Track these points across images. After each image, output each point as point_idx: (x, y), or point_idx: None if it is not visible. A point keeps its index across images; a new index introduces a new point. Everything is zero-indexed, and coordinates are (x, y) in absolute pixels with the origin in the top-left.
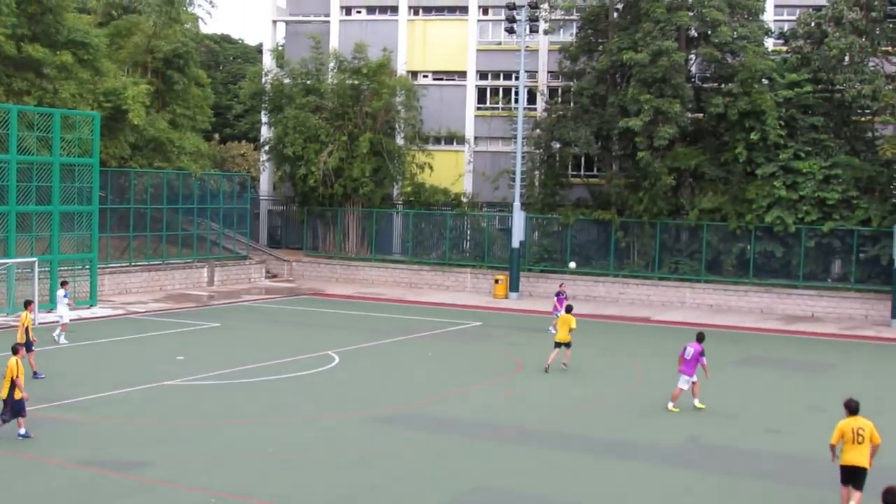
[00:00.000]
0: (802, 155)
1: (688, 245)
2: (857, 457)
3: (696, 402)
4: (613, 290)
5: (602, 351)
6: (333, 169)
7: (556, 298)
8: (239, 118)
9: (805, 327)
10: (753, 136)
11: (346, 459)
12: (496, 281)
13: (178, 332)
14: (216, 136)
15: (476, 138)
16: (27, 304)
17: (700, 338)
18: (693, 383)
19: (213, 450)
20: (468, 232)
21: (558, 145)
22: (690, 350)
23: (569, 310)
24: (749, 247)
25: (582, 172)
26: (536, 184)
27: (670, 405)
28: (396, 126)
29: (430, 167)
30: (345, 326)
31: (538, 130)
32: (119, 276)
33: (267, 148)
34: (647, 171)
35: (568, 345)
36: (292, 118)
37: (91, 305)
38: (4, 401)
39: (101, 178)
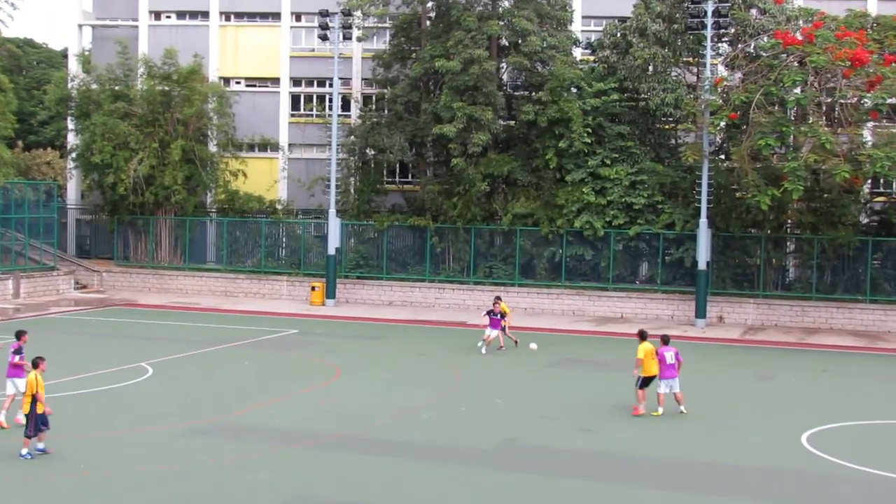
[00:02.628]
0: (609, 162)
1: (502, 249)
2: (654, 368)
3: (683, 409)
4: (430, 295)
5: (419, 356)
6: (144, 177)
7: (488, 316)
8: (44, 125)
9: (615, 328)
10: (563, 144)
11: (163, 474)
12: (312, 288)
13: None
14: (20, 143)
15: (290, 145)
16: None
17: (666, 340)
18: (675, 393)
19: (19, 469)
20: (284, 239)
21: (373, 152)
22: (670, 353)
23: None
24: (560, 251)
25: (397, 179)
26: (352, 190)
27: (659, 410)
28: (209, 133)
29: (244, 174)
30: (158, 337)
31: (353, 137)
32: None
33: (74, 155)
34: (461, 177)
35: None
36: (100, 125)
37: None
38: (27, 416)
39: None
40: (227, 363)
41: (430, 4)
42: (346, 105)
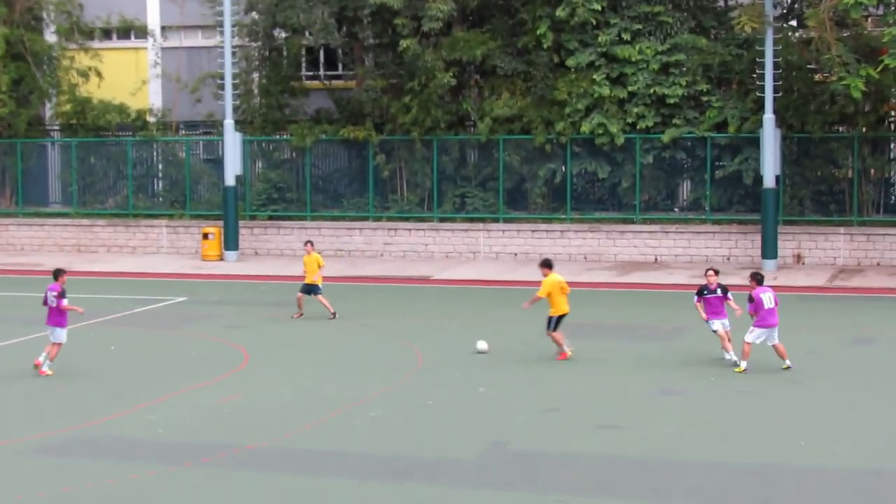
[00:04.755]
0: (629, 37)
1: (478, 170)
2: (565, 306)
3: (788, 363)
4: (376, 241)
5: (364, 329)
6: None
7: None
8: None
9: (646, 277)
10: (561, 12)
11: None
12: (205, 236)
13: None
14: None
15: (164, 28)
16: None
17: (760, 279)
18: (775, 345)
19: None
20: (160, 166)
21: (284, 34)
22: (768, 296)
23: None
24: (564, 168)
25: (321, 72)
26: (256, 91)
27: (742, 364)
28: (44, 15)
29: (98, 74)
30: None
31: (254, 14)
32: None
33: None
34: (414, 66)
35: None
36: None
37: None
38: None
39: None
40: (86, 350)
41: None
42: None
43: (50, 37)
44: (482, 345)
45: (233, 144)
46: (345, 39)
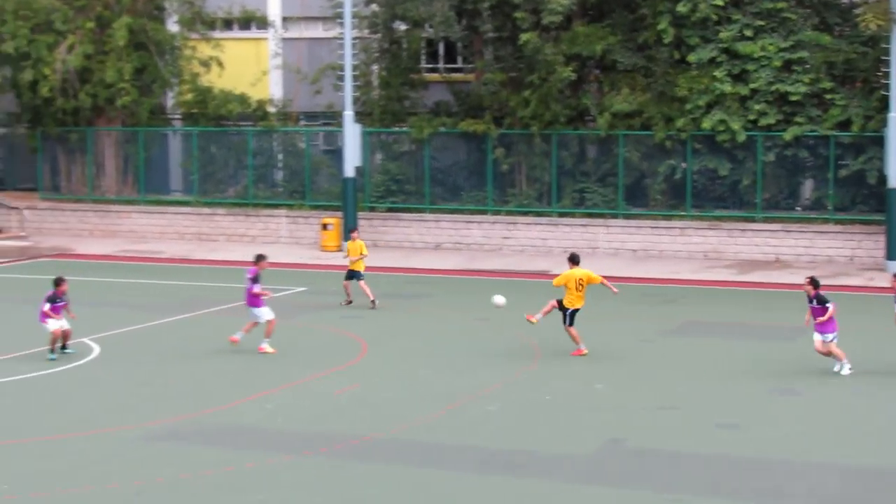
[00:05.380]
0: (752, 33)
1: (597, 165)
2: (579, 301)
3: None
4: (494, 234)
5: (479, 323)
6: (77, 71)
7: None
8: None
9: (766, 276)
10: (682, 8)
11: (117, 494)
12: (324, 226)
13: None
14: None
15: (285, 19)
16: None
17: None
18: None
19: None
20: (280, 157)
21: (405, 26)
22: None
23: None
24: (683, 165)
25: (441, 65)
26: (375, 83)
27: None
28: (167, 5)
29: (220, 63)
30: (105, 302)
31: (374, 6)
32: None
33: None
34: (534, 60)
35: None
36: None
37: None
38: None
39: None
40: (205, 337)
41: None
42: None
43: (172, 26)
44: (499, 299)
45: (352, 136)
46: (464, 32)
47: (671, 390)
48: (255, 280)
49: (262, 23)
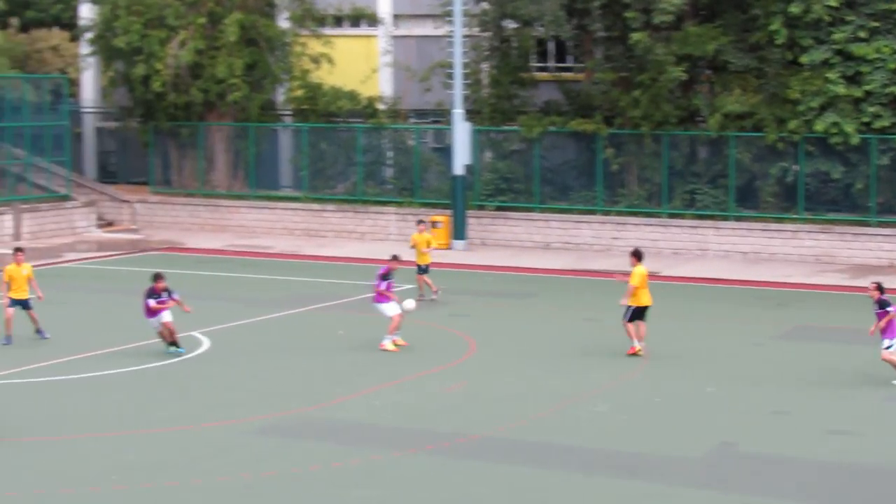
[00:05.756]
0: (866, 34)
1: (708, 166)
2: (648, 298)
3: None
4: (604, 235)
5: (587, 323)
6: (188, 66)
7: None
8: None
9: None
10: (795, 8)
11: (226, 487)
12: (433, 224)
13: None
14: (14, 20)
15: (396, 17)
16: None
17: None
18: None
19: (27, 477)
20: (390, 153)
21: (515, 25)
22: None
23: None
24: (796, 167)
25: (551, 64)
26: (485, 82)
27: None
28: (278, 2)
29: (330, 60)
30: (214, 296)
31: (484, 4)
32: None
33: (90, 38)
34: (644, 60)
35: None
36: None
37: None
38: None
39: None
40: (314, 332)
41: None
42: None
43: (283, 23)
44: (409, 304)
45: (462, 134)
46: (575, 31)
47: (782, 395)
48: (384, 277)
49: (373, 20)
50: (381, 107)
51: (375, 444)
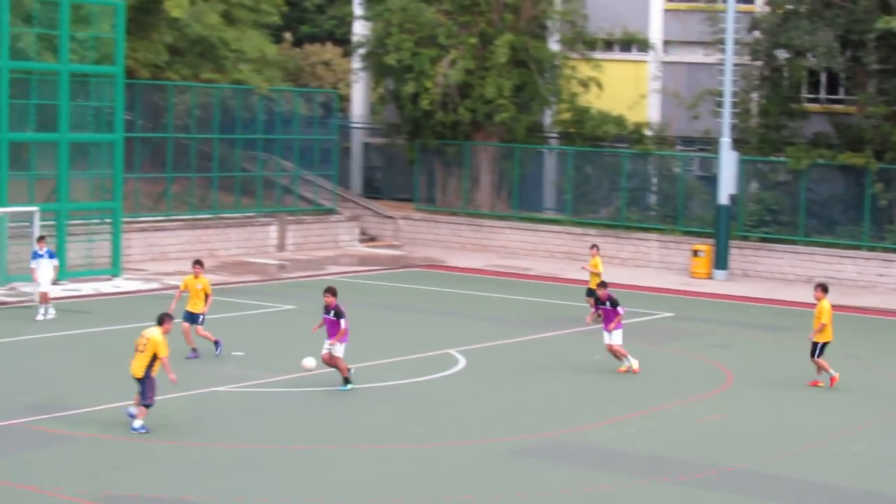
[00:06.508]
0: None
1: None
2: (829, 335)
3: None
4: (868, 271)
5: (848, 359)
6: (457, 85)
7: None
8: (321, 10)
9: None
10: None
11: None
12: (695, 253)
13: (234, 317)
14: (289, 35)
15: (666, 43)
16: (196, 265)
17: None
18: None
19: (279, 484)
20: (654, 180)
21: (786, 55)
22: None
23: None
24: None
25: (821, 95)
26: (754, 111)
27: None
28: (549, 24)
29: (599, 84)
30: (473, 315)
31: (756, 33)
32: (152, 235)
33: (361, 54)
34: None
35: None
36: (398, 11)
37: (113, 276)
38: (144, 379)
39: (128, 95)
40: (568, 356)
41: None
42: None
43: (553, 45)
44: (308, 362)
45: (728, 163)
46: (848, 63)
47: None
48: (615, 304)
49: (644, 45)
50: (647, 133)
51: (627, 470)
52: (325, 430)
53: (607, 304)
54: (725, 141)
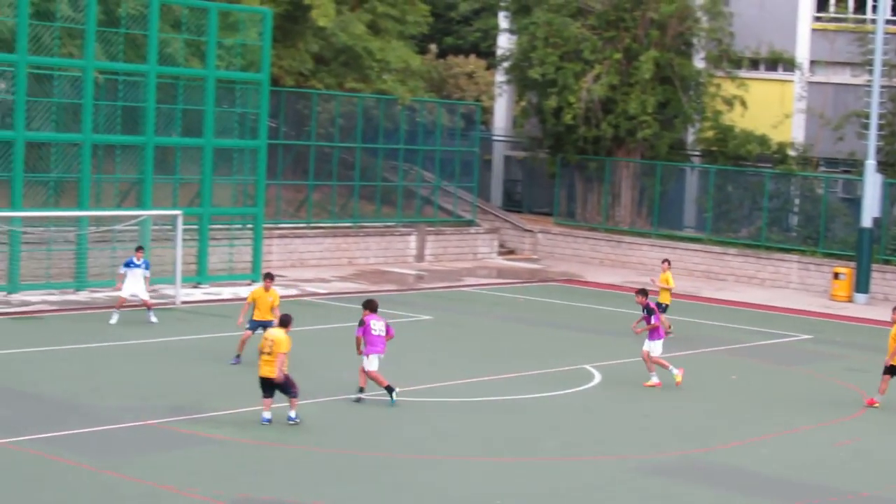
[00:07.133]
0: None
1: None
2: None
3: None
4: None
5: None
6: (601, 101)
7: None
8: (466, 22)
9: None
10: None
11: None
12: (836, 276)
13: None
14: (433, 46)
15: (812, 63)
16: (267, 278)
17: None
18: None
19: (411, 494)
20: (796, 201)
21: None
22: None
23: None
24: None
25: None
26: None
27: None
28: (695, 41)
29: (743, 103)
30: (609, 331)
31: None
32: (292, 242)
33: (506, 66)
34: None
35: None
36: (543, 25)
37: (253, 281)
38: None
39: (273, 102)
40: (706, 375)
41: None
42: None
43: (698, 62)
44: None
45: (873, 185)
46: None
47: None
48: (651, 312)
49: (790, 65)
50: (791, 153)
51: (759, 493)
52: (459, 442)
53: (644, 311)
54: (871, 163)
